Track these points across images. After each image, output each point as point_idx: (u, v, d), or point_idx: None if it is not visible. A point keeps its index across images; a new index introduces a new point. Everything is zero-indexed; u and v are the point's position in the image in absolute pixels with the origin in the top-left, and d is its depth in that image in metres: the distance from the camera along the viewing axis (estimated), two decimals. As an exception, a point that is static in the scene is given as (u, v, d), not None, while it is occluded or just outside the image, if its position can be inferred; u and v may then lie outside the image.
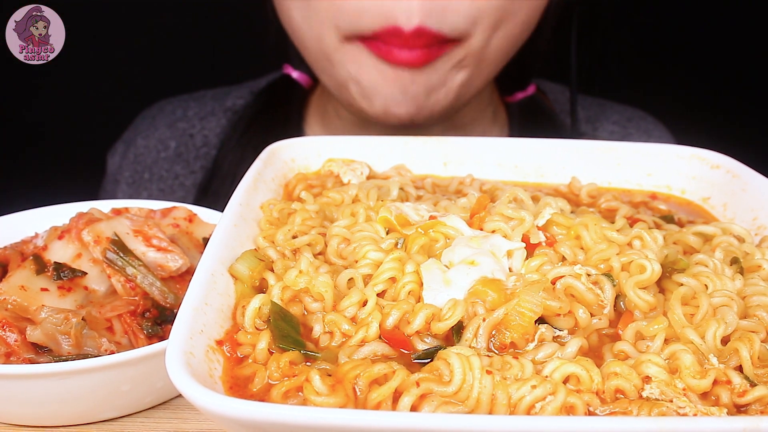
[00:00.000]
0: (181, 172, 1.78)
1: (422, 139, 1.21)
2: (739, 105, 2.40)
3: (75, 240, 1.05)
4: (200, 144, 1.80)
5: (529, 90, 1.77)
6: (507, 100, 1.78)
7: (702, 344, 0.74)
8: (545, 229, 0.90)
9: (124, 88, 2.24)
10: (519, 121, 1.75)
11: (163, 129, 1.82)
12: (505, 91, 1.77)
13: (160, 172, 1.79)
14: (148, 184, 1.79)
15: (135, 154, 1.82)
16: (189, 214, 1.18)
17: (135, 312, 0.99)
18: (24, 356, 0.93)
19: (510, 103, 1.78)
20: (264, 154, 1.11)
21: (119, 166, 1.83)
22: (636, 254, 0.84)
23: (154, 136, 1.82)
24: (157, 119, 1.85)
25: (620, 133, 1.83)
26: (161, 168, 1.80)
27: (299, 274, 0.83)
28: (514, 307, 0.76)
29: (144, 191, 1.79)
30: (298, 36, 1.44)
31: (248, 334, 0.78)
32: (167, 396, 0.99)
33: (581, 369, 0.70)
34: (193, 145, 1.80)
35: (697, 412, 0.67)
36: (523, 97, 1.77)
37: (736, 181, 1.07)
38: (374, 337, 0.77)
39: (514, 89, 1.76)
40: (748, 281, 0.85)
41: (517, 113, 1.76)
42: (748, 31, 2.32)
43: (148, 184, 1.79)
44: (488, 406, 0.67)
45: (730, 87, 2.43)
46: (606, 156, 1.18)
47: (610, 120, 1.86)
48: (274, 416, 0.59)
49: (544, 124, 1.75)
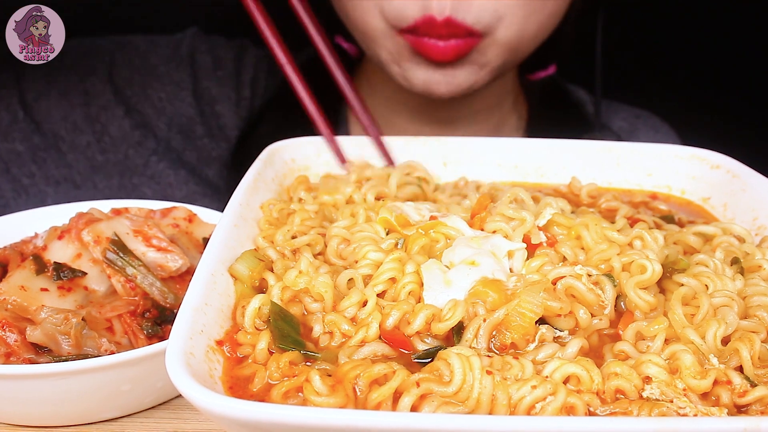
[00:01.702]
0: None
1: (422, 140, 1.21)
2: (739, 105, 2.40)
3: (75, 240, 1.05)
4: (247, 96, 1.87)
5: (550, 69, 1.83)
6: (528, 78, 1.83)
7: (702, 344, 0.74)
8: (546, 229, 0.90)
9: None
10: (539, 105, 1.81)
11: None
12: (527, 71, 1.82)
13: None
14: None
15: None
16: (189, 214, 1.18)
17: (135, 312, 0.99)
18: (24, 356, 0.93)
19: (531, 83, 1.83)
20: (264, 154, 1.11)
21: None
22: (637, 254, 0.84)
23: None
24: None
25: (628, 129, 1.88)
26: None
27: (299, 275, 0.82)
28: (514, 307, 0.76)
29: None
30: (346, 16, 1.53)
31: (248, 335, 0.78)
32: (167, 396, 0.99)
33: (581, 369, 0.70)
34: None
35: (698, 413, 0.67)
36: (544, 76, 1.82)
37: (736, 181, 1.07)
38: (374, 338, 0.76)
39: (536, 68, 1.82)
40: (748, 281, 0.85)
41: (537, 95, 1.82)
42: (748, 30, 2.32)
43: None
44: (488, 407, 0.67)
45: (730, 87, 2.43)
46: (606, 156, 1.18)
47: (619, 116, 1.91)
48: (274, 416, 0.59)
49: (565, 109, 1.83)
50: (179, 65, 1.82)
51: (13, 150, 1.73)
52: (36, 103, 1.73)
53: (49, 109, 1.74)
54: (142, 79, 1.80)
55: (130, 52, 1.82)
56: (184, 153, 1.82)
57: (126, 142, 1.78)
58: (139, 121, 1.79)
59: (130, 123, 1.78)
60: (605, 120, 1.86)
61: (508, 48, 1.45)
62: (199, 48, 1.85)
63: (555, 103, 1.84)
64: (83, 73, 1.76)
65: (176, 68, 1.82)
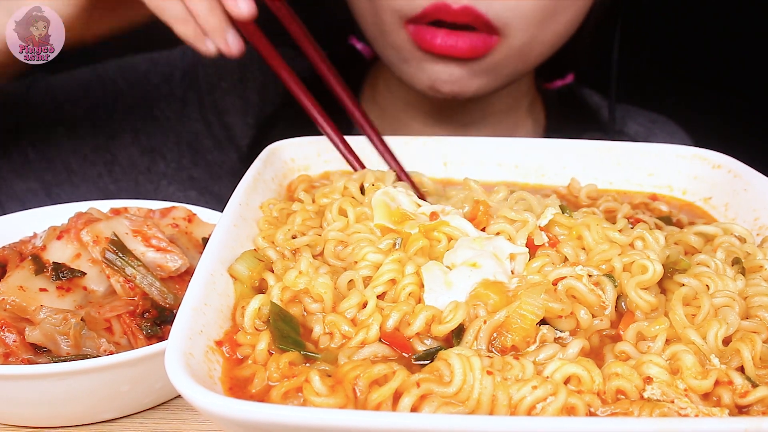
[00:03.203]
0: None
1: (422, 140, 1.21)
2: (739, 105, 2.40)
3: (74, 240, 1.05)
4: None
5: (568, 78, 1.81)
6: (545, 87, 1.82)
7: (703, 345, 0.74)
8: (547, 229, 0.90)
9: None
10: (557, 110, 1.80)
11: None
12: (545, 79, 1.82)
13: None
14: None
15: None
16: (188, 214, 1.17)
17: (134, 312, 0.98)
18: (23, 357, 0.92)
19: (548, 91, 1.82)
20: (264, 153, 1.11)
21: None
22: (638, 254, 0.84)
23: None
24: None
25: (645, 134, 1.87)
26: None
27: (299, 275, 0.82)
28: (515, 309, 0.76)
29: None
30: (356, 8, 1.52)
31: (248, 335, 0.78)
32: (166, 396, 0.99)
33: (582, 369, 0.70)
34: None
35: (699, 413, 0.67)
36: (561, 85, 1.82)
37: (738, 180, 1.07)
38: (374, 339, 0.76)
39: (553, 77, 1.81)
40: (749, 282, 0.85)
41: (555, 102, 1.81)
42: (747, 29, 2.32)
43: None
44: (489, 407, 0.67)
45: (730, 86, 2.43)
46: (606, 156, 1.18)
47: (635, 121, 1.90)
48: (273, 417, 0.58)
49: (582, 115, 1.81)
50: (182, 81, 1.82)
51: (29, 189, 1.75)
52: (46, 140, 1.75)
53: (59, 144, 1.76)
54: (146, 102, 1.81)
55: (131, 75, 1.82)
56: (194, 169, 1.82)
57: (136, 168, 1.80)
58: (146, 146, 1.80)
59: (138, 149, 1.79)
60: (620, 125, 1.86)
61: (520, 54, 1.41)
62: (201, 61, 1.83)
63: (572, 109, 1.82)
64: (88, 105, 1.78)
65: (179, 84, 1.82)
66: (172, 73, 1.82)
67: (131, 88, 1.81)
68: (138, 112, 1.80)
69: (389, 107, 1.74)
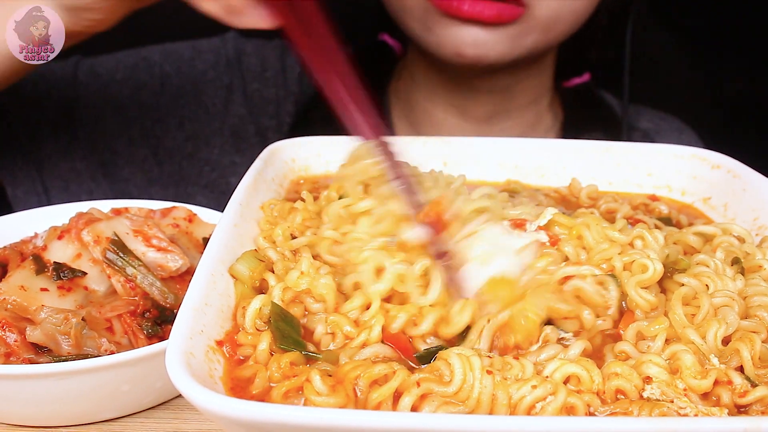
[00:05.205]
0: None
1: (422, 140, 1.21)
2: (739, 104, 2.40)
3: (75, 240, 1.05)
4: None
5: (585, 77, 1.86)
6: (564, 86, 1.87)
7: (703, 344, 0.74)
8: (547, 229, 0.90)
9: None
10: (574, 107, 1.84)
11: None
12: (563, 77, 1.86)
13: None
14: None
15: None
16: (189, 214, 1.17)
17: (135, 312, 0.99)
18: (24, 356, 0.93)
19: (566, 90, 1.87)
20: (264, 153, 1.11)
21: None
22: (638, 254, 0.84)
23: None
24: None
25: (654, 129, 1.91)
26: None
27: (301, 276, 0.82)
28: (519, 310, 0.76)
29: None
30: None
31: (249, 335, 0.78)
32: (167, 396, 0.99)
33: (582, 369, 0.70)
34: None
35: (698, 413, 0.67)
36: (578, 83, 1.86)
37: (737, 181, 1.07)
38: (376, 340, 0.76)
39: (571, 74, 1.86)
40: (748, 281, 0.85)
41: (572, 100, 1.86)
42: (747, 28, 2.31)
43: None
44: (488, 407, 0.67)
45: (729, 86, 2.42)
46: (606, 156, 1.18)
47: (644, 119, 1.94)
48: (274, 416, 0.58)
49: (597, 111, 1.85)
50: (228, 68, 1.85)
51: (72, 168, 1.75)
52: (94, 121, 1.76)
53: (107, 126, 1.76)
54: (194, 87, 1.82)
55: (176, 60, 1.84)
56: (237, 156, 1.84)
57: (179, 153, 1.81)
58: (191, 131, 1.81)
59: (184, 134, 1.81)
60: (633, 121, 1.90)
61: (542, 27, 1.46)
62: (245, 50, 1.88)
63: (588, 106, 1.87)
64: (134, 86, 1.79)
65: (225, 72, 1.84)
66: (218, 61, 1.85)
67: (178, 73, 1.83)
68: (185, 97, 1.81)
69: (416, 99, 1.78)
